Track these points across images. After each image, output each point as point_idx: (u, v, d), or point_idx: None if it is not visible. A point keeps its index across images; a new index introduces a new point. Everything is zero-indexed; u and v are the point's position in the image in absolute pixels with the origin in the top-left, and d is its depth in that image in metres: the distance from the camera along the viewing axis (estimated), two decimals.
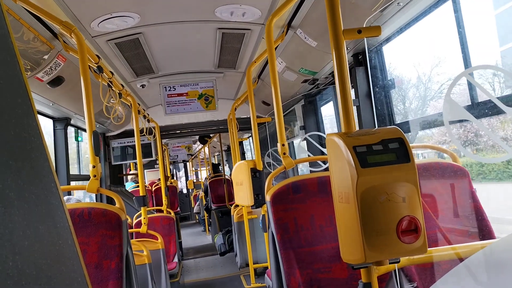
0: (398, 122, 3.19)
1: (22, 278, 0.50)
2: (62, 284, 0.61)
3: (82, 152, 6.12)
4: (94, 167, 2.29)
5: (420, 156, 3.21)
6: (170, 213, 5.43)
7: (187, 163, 17.21)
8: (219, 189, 8.83)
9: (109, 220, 2.18)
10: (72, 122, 4.55)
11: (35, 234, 0.56)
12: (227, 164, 12.20)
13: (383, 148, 1.12)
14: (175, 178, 16.96)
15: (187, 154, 13.53)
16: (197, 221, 13.27)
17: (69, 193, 4.04)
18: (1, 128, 0.54)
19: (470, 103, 2.15)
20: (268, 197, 2.26)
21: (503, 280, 1.13)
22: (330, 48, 1.30)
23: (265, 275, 3.36)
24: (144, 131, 5.19)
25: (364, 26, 1.28)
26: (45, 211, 0.61)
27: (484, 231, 2.07)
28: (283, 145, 2.48)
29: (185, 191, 15.84)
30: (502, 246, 1.23)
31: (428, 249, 1.19)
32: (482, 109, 1.86)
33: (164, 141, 11.04)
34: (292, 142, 6.06)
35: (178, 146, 13.05)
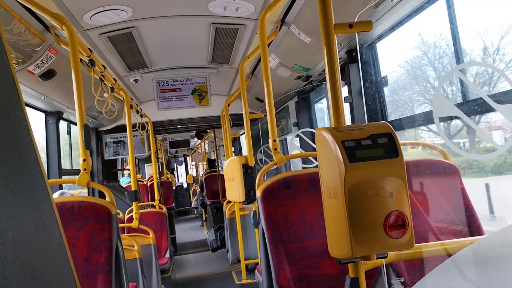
0: (391, 119, 3.20)
1: (5, 269, 0.50)
2: (48, 275, 0.61)
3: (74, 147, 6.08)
4: (84, 160, 2.28)
5: None
6: (162, 209, 5.42)
7: (187, 158, 17.21)
8: (214, 185, 8.82)
9: (99, 213, 2.17)
10: (64, 116, 4.52)
11: (20, 225, 0.56)
12: (225, 159, 12.16)
13: (372, 143, 1.12)
14: (174, 173, 16.97)
15: (186, 149, 13.53)
16: (196, 215, 13.30)
17: (60, 187, 4.02)
18: None
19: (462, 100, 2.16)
20: (258, 193, 2.26)
21: (490, 276, 1.14)
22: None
23: (256, 271, 3.37)
24: (137, 126, 5.17)
25: (355, 21, 1.28)
26: (31, 202, 0.61)
27: (473, 228, 2.08)
28: (274, 141, 2.48)
29: (185, 185, 15.83)
30: (490, 243, 1.25)
31: (416, 244, 1.20)
32: (472, 106, 1.88)
33: (161, 136, 11.01)
34: (285, 138, 6.07)
35: (177, 141, 13.02)
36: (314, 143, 4.48)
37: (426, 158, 2.47)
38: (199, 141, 12.18)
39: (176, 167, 18.71)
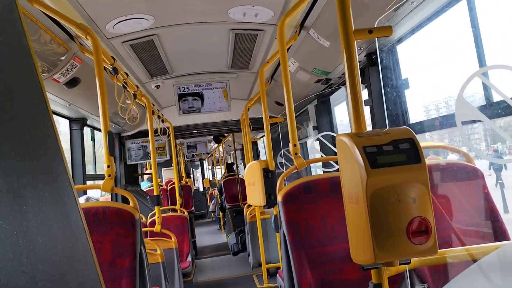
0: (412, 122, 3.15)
1: (36, 274, 0.52)
2: (75, 281, 0.62)
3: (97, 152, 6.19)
4: (108, 166, 2.32)
5: None
6: (184, 213, 5.46)
7: (204, 161, 17.32)
8: (233, 188, 8.86)
9: (123, 219, 2.20)
10: (88, 122, 4.61)
11: (49, 232, 0.58)
12: (242, 163, 12.23)
13: (394, 149, 1.11)
14: (191, 177, 17.13)
15: (203, 153, 13.65)
16: (213, 219, 13.34)
17: (84, 193, 4.09)
18: (17, 129, 0.56)
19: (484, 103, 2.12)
20: (279, 197, 2.26)
21: None
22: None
23: (277, 275, 3.37)
24: (159, 131, 5.23)
25: (375, 26, 1.28)
26: (59, 209, 0.62)
27: (498, 232, 2.04)
28: (294, 145, 2.48)
29: (201, 189, 15.92)
30: None
31: (440, 250, 1.18)
32: (496, 109, 1.84)
33: (179, 140, 11.13)
34: (305, 142, 6.05)
35: (194, 145, 13.15)
36: (335, 147, 4.45)
37: (450, 162, 2.43)
38: (216, 145, 12.27)
39: (192, 171, 18.83)
